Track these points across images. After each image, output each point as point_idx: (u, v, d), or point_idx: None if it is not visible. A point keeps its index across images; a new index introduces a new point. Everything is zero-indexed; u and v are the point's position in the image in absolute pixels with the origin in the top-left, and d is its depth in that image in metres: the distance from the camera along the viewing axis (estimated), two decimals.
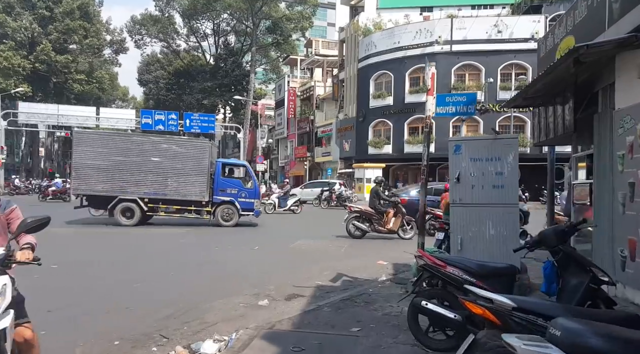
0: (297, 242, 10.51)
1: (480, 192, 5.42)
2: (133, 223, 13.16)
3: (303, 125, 47.14)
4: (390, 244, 11.18)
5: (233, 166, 14.95)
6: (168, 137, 21.24)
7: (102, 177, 13.12)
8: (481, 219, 5.41)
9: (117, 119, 40.04)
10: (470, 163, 5.44)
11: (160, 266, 7.66)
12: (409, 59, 32.74)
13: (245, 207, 13.94)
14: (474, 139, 5.55)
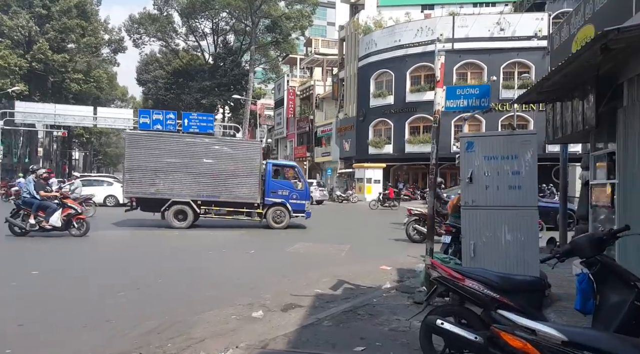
0: (295, 246, 10.04)
1: (495, 194, 4.95)
2: (186, 226, 12.94)
3: (303, 125, 46.66)
4: (393, 247, 10.71)
5: (283, 167, 14.80)
6: (220, 137, 20.91)
7: (154, 180, 12.90)
8: (496, 223, 4.93)
9: (114, 118, 39.48)
10: (484, 162, 4.97)
11: (148, 272, 7.17)
12: (410, 58, 32.27)
13: (297, 208, 13.75)
14: (488, 135, 5.06)
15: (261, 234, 12.67)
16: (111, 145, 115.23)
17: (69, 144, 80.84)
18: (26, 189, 10.43)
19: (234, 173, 13.05)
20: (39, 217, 10.22)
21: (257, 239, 11.42)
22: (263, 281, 6.54)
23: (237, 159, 13.10)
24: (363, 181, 31.44)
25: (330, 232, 13.45)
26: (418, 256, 8.86)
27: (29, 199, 10.25)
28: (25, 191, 10.45)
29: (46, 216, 10.23)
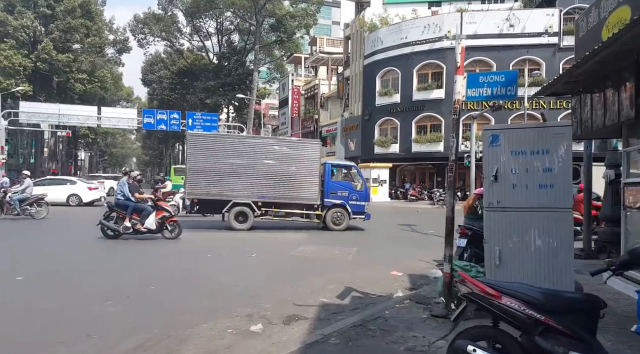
0: (300, 248, 9.50)
1: (523, 194, 4.39)
2: (246, 227, 12.68)
3: (307, 124, 46.16)
4: (402, 250, 10.15)
5: (342, 168, 14.42)
6: (281, 138, 20.52)
7: (216, 181, 12.66)
8: (525, 227, 4.37)
9: (118, 118, 39.20)
10: (511, 157, 4.41)
11: (141, 278, 6.67)
12: (417, 55, 31.67)
13: (356, 210, 13.41)
14: (516, 127, 4.49)
15: (266, 235, 12.14)
16: (117, 145, 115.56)
17: (75, 145, 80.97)
18: (120, 191, 10.36)
19: (295, 174, 12.78)
20: (133, 220, 10.11)
21: (260, 240, 10.87)
22: (264, 288, 6.02)
23: (297, 160, 12.81)
24: (369, 181, 30.82)
25: (336, 234, 12.89)
26: (430, 261, 8.32)
27: (123, 201, 10.20)
28: (119, 193, 10.37)
29: (141, 218, 10.15)
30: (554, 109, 29.99)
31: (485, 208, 4.56)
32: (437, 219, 17.07)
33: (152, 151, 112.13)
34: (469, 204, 7.85)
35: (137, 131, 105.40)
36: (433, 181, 32.95)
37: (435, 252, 9.20)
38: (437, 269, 7.24)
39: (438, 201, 26.73)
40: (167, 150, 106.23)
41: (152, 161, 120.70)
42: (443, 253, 8.84)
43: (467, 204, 7.91)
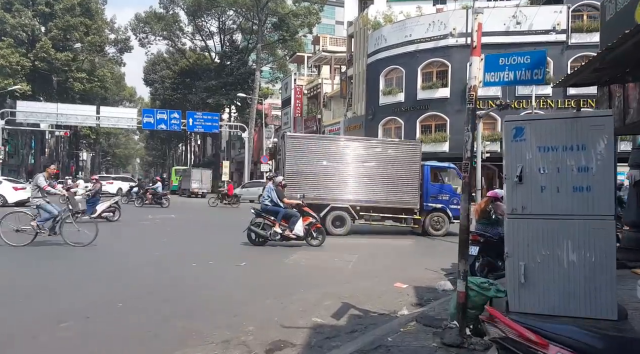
0: (295, 256, 8.75)
1: (554, 198, 3.65)
2: (344, 232, 12.22)
3: (310, 124, 45.42)
4: (407, 257, 9.42)
5: (441, 170, 13.91)
6: (381, 139, 19.92)
7: (314, 184, 12.23)
8: (556, 238, 3.63)
9: (118, 118, 38.72)
10: (539, 154, 3.68)
11: (113, 292, 5.94)
12: (422, 53, 30.87)
13: (457, 214, 12.79)
14: (544, 118, 3.78)
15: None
16: (120, 146, 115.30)
17: (76, 145, 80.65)
18: (268, 196, 10.09)
19: (395, 177, 12.27)
20: (282, 226, 9.84)
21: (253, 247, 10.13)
22: (249, 305, 5.28)
23: (397, 162, 12.30)
24: None
25: (336, 239, 12.16)
26: (437, 270, 7.57)
27: (272, 207, 9.92)
28: (267, 199, 10.09)
29: (290, 224, 9.84)
30: (562, 108, 29.17)
31: (508, 215, 3.81)
32: None
33: (155, 151, 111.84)
34: (481, 208, 7.11)
35: (139, 131, 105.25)
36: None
37: (442, 260, 8.46)
38: (446, 281, 6.49)
39: None
40: (169, 151, 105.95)
41: (155, 162, 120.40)
42: (452, 264, 8.16)
43: (478, 208, 7.17)
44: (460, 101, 29.98)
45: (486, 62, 3.93)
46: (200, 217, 17.94)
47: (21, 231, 8.81)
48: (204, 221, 16.38)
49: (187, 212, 20.48)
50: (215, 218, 18.00)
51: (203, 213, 20.29)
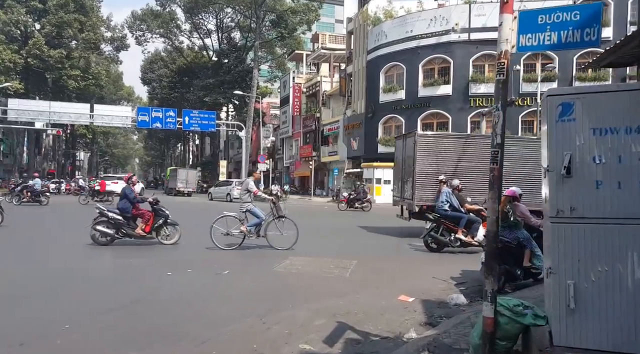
0: (287, 262, 7.83)
1: (614, 196, 2.77)
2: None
3: (308, 123, 44.53)
4: (411, 262, 8.51)
5: None
6: (517, 137, 18.84)
7: None
8: (617, 249, 2.75)
9: (112, 116, 37.81)
10: (594, 138, 2.80)
11: (68, 310, 5.04)
12: (423, 49, 30.02)
13: None
14: (601, 90, 2.81)
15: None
16: (118, 146, 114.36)
17: (73, 145, 79.74)
18: (447, 201, 9.56)
19: (530, 177, 11.20)
20: (463, 232, 9.48)
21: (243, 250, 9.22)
22: (224, 327, 4.38)
23: (532, 161, 11.24)
24: (372, 182, 29.21)
25: (334, 241, 11.28)
26: (447, 279, 6.68)
27: (452, 212, 9.50)
28: (445, 203, 9.55)
29: (471, 230, 9.46)
30: None
31: (551, 219, 2.92)
32: None
33: (154, 151, 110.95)
34: (507, 207, 6.24)
35: (138, 131, 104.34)
36: None
37: (452, 267, 7.57)
38: (459, 294, 5.60)
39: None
40: (168, 151, 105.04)
41: (154, 162, 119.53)
42: (462, 271, 7.29)
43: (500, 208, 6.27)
44: (463, 98, 29.13)
45: (520, 21, 3.04)
46: None
47: (230, 235, 8.97)
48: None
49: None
50: None
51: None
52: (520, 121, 28.51)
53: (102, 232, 9.11)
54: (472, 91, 28.81)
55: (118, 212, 9.21)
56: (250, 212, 9.06)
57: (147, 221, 9.27)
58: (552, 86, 28.15)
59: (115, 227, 9.13)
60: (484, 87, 28.71)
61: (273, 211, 9.27)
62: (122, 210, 9.22)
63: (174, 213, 10.25)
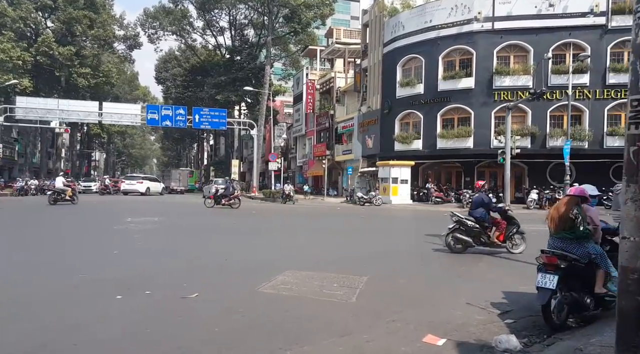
0: (280, 277, 6.28)
1: None
2: None
3: (322, 121, 43.00)
4: (438, 280, 6.87)
5: None
6: None
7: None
8: None
9: (121, 114, 36.93)
10: None
11: None
12: (443, 40, 28.19)
13: None
14: None
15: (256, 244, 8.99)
16: (135, 146, 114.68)
17: (88, 144, 79.86)
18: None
19: None
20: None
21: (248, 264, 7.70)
22: None
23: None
24: (388, 181, 27.52)
25: (341, 248, 9.74)
26: (484, 304, 5.04)
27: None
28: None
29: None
30: (600, 100, 26.16)
31: None
32: None
33: (170, 152, 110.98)
34: (560, 213, 4.55)
35: (154, 131, 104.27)
36: (460, 181, 29.37)
37: (487, 285, 5.94)
38: (509, 335, 3.96)
39: (467, 204, 23.20)
40: (183, 151, 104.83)
41: (170, 162, 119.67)
42: (505, 293, 5.64)
43: (555, 214, 4.61)
44: (486, 91, 27.23)
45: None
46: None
47: None
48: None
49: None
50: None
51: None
52: (548, 115, 26.47)
53: (459, 239, 8.99)
54: (496, 84, 26.87)
55: (473, 220, 9.08)
56: None
57: (502, 230, 9.10)
58: (583, 78, 26.06)
59: (471, 235, 8.97)
60: (509, 80, 26.75)
61: None
62: (480, 218, 9.05)
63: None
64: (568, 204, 4.43)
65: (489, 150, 26.19)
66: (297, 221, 16.36)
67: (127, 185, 35.45)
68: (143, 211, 18.29)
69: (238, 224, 14.42)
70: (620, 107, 26.04)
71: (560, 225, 4.42)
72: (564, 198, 4.66)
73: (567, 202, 4.48)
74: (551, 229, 4.56)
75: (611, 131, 25.63)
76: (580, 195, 4.55)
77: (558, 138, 25.73)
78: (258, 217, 17.72)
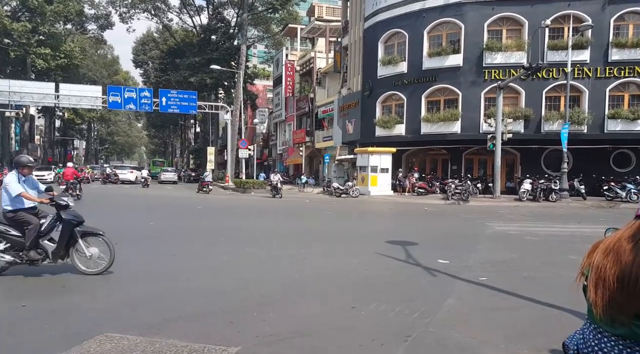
0: (85, 346, 3.60)
1: None
2: None
3: (302, 105, 40.10)
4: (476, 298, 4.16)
5: None
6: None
7: None
8: None
9: (80, 96, 33.71)
10: None
11: None
12: (429, 13, 25.30)
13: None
14: None
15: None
16: (120, 133, 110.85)
17: (64, 132, 76.33)
18: None
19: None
20: None
21: None
22: None
23: None
24: (367, 170, 24.86)
25: (241, 274, 7.04)
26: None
27: None
28: None
29: None
30: (601, 78, 23.53)
31: None
32: (456, 227, 11.10)
33: (157, 139, 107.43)
34: (623, 264, 1.69)
35: (141, 118, 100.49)
36: (447, 169, 26.78)
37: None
38: None
39: (453, 196, 20.65)
40: (169, 139, 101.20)
41: (157, 150, 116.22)
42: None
43: (608, 273, 1.70)
44: (476, 70, 24.47)
45: None
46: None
47: None
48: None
49: None
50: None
51: None
52: (544, 96, 23.83)
53: None
54: (486, 62, 24.14)
55: None
56: None
57: None
58: (583, 55, 23.38)
59: None
60: (501, 57, 24.01)
61: None
62: None
63: None
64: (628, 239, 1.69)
65: (478, 135, 23.58)
66: (218, 222, 12.83)
67: (122, 175, 39.27)
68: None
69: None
70: (624, 86, 23.48)
71: (623, 301, 1.63)
72: (627, 230, 1.85)
73: (629, 235, 1.71)
74: (596, 310, 1.76)
75: (613, 114, 23.05)
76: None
77: (554, 122, 23.13)
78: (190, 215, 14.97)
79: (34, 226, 5.60)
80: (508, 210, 16.76)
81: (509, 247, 8.20)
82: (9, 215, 5.66)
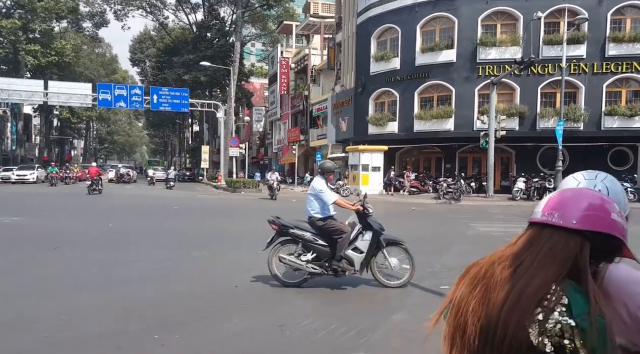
0: None
1: None
2: None
3: (297, 103, 39.50)
4: None
5: None
6: None
7: None
8: None
9: (69, 94, 33.25)
10: None
11: None
12: (421, 7, 24.66)
13: None
14: None
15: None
16: (121, 133, 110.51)
17: (61, 131, 75.97)
18: None
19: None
20: None
21: None
22: None
23: None
24: (358, 169, 24.25)
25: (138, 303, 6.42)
26: None
27: None
28: None
29: None
30: (598, 74, 22.84)
31: None
32: (437, 228, 10.44)
33: (158, 139, 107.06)
34: (492, 304, 1.09)
35: (141, 117, 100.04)
36: (441, 168, 26.12)
37: None
38: None
39: (444, 195, 20.03)
40: (168, 138, 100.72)
41: (157, 150, 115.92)
42: None
43: (472, 318, 1.08)
44: (469, 65, 23.82)
45: None
46: None
47: None
48: None
49: None
50: None
51: None
52: (539, 93, 23.16)
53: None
54: (480, 57, 23.48)
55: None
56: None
57: None
58: (579, 49, 22.69)
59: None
60: (495, 52, 23.36)
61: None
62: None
63: None
64: (538, 276, 1.04)
65: (472, 133, 22.93)
66: (184, 223, 11.88)
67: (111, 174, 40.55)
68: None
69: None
70: (621, 82, 22.79)
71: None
72: (508, 248, 1.22)
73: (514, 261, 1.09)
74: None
75: (610, 110, 22.36)
76: (590, 230, 1.04)
77: (550, 119, 22.46)
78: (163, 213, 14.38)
79: (347, 235, 5.19)
80: (499, 210, 16.12)
81: (486, 250, 7.56)
82: (319, 223, 5.24)
